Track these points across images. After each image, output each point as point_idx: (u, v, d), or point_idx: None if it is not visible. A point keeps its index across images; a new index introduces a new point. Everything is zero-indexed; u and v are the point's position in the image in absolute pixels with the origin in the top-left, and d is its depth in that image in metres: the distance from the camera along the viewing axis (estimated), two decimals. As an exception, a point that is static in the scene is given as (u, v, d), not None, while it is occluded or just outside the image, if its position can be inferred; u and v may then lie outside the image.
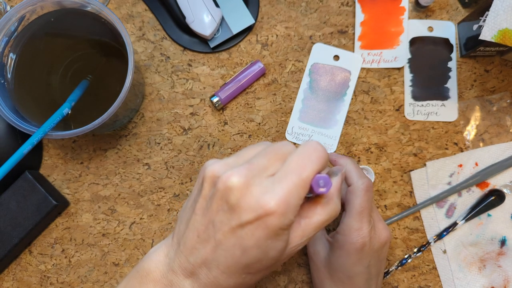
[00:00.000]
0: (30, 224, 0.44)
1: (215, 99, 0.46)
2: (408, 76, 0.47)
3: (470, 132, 0.46)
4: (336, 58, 0.47)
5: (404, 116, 0.46)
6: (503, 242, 0.44)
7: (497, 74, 0.47)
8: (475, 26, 0.43)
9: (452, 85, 0.46)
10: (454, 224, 0.44)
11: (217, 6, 0.46)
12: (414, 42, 0.47)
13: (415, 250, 0.45)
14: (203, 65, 0.48)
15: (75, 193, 0.47)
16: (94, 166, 0.47)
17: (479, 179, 0.45)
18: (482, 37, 0.39)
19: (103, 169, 0.47)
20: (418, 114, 0.46)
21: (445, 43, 0.47)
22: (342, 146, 0.47)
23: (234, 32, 0.46)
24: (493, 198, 0.44)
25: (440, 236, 0.45)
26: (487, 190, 0.45)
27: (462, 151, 0.46)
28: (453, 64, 0.47)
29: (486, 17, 0.39)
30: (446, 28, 0.47)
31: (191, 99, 0.47)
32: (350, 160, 0.40)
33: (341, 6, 0.48)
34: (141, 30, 0.48)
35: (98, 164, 0.47)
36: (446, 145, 0.46)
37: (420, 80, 0.47)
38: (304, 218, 0.29)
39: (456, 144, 0.46)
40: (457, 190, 0.45)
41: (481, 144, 0.46)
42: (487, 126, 0.46)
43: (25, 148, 0.38)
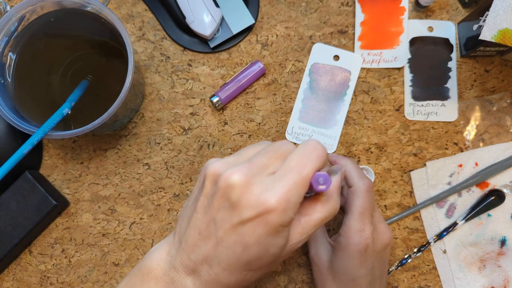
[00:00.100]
0: (30, 224, 0.44)
1: (215, 99, 0.46)
2: (408, 76, 0.47)
3: (470, 132, 0.46)
4: (336, 58, 0.47)
5: (404, 116, 0.46)
6: (503, 242, 0.44)
7: (497, 74, 0.47)
8: (475, 26, 0.43)
9: (452, 85, 0.46)
10: (454, 224, 0.44)
11: (217, 6, 0.46)
12: (414, 42, 0.47)
13: (415, 250, 0.45)
14: (203, 65, 0.48)
15: (75, 193, 0.47)
16: (94, 166, 0.47)
17: (479, 179, 0.45)
18: (482, 37, 0.39)
19: (103, 169, 0.47)
20: (418, 114, 0.46)
21: (445, 43, 0.47)
22: (342, 146, 0.47)
23: (234, 32, 0.46)
24: (493, 198, 0.44)
25: (440, 236, 0.45)
26: (487, 190, 0.45)
27: (462, 151, 0.46)
28: (453, 64, 0.47)
29: (486, 17, 0.39)
30: (446, 28, 0.47)
31: (191, 99, 0.47)
32: (350, 161, 0.40)
33: (341, 6, 0.48)
34: (141, 30, 0.48)
35: (98, 164, 0.47)
36: (446, 145, 0.46)
37: (420, 80, 0.47)
38: (304, 216, 0.29)
39: (456, 144, 0.46)
40: (457, 190, 0.45)
41: (481, 144, 0.46)
42: (487, 126, 0.46)
43: (25, 148, 0.38)
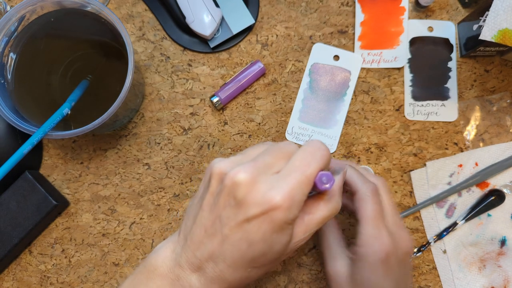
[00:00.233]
0: (30, 224, 0.44)
1: (215, 99, 0.46)
2: (408, 76, 0.47)
3: (470, 132, 0.46)
4: (336, 58, 0.47)
5: (404, 116, 0.46)
6: (503, 242, 0.44)
7: (497, 74, 0.47)
8: (475, 26, 0.43)
9: (452, 85, 0.46)
10: (454, 224, 0.44)
11: (217, 6, 0.46)
12: (414, 42, 0.47)
13: (415, 250, 0.45)
14: (203, 65, 0.48)
15: (75, 193, 0.47)
16: (94, 166, 0.47)
17: (479, 179, 0.45)
18: (482, 37, 0.39)
19: (103, 169, 0.47)
20: (418, 114, 0.46)
21: (445, 43, 0.47)
22: (342, 146, 0.47)
23: (234, 32, 0.46)
24: (493, 198, 0.44)
25: (440, 236, 0.45)
26: (487, 190, 0.45)
27: (462, 151, 0.46)
28: (453, 64, 0.47)
29: (486, 17, 0.39)
30: (446, 28, 0.47)
31: (191, 99, 0.47)
32: (349, 166, 0.37)
33: (341, 6, 0.48)
34: (141, 30, 0.48)
35: (98, 164, 0.47)
36: (446, 145, 0.46)
37: (420, 80, 0.47)
38: (307, 214, 0.30)
39: (456, 144, 0.46)
40: (457, 190, 0.45)
41: (481, 144, 0.46)
42: (487, 126, 0.46)
43: (25, 148, 0.38)
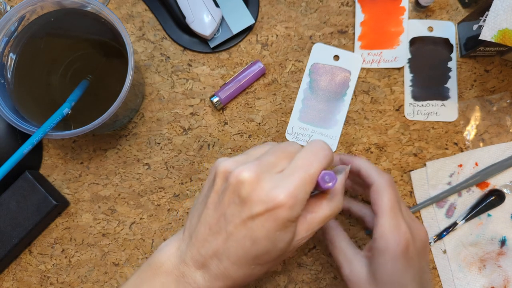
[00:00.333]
0: (30, 224, 0.44)
1: (215, 99, 0.46)
2: (408, 76, 0.47)
3: (470, 132, 0.46)
4: (336, 58, 0.47)
5: (404, 116, 0.46)
6: (503, 242, 0.44)
7: (497, 74, 0.47)
8: (475, 26, 0.43)
9: (452, 85, 0.46)
10: (454, 224, 0.44)
11: (217, 6, 0.46)
12: (414, 42, 0.47)
13: (415, 250, 0.45)
14: (203, 65, 0.48)
15: (75, 193, 0.47)
16: (94, 166, 0.47)
17: (479, 179, 0.45)
18: (482, 37, 0.39)
19: (103, 169, 0.47)
20: (418, 114, 0.46)
21: (445, 43, 0.47)
22: (342, 146, 0.47)
23: (234, 32, 0.46)
24: (493, 198, 0.44)
25: (440, 236, 0.45)
26: (487, 190, 0.45)
27: (462, 151, 0.46)
28: (453, 64, 0.47)
29: (486, 17, 0.39)
30: (446, 28, 0.47)
31: (191, 99, 0.47)
32: (365, 159, 0.38)
33: (341, 6, 0.48)
34: (141, 30, 0.48)
35: (98, 164, 0.47)
36: (446, 145, 0.46)
37: (420, 80, 0.47)
38: (310, 213, 0.30)
39: (456, 144, 0.46)
40: (457, 190, 0.45)
41: (481, 144, 0.46)
42: (487, 126, 0.46)
43: (25, 148, 0.38)
